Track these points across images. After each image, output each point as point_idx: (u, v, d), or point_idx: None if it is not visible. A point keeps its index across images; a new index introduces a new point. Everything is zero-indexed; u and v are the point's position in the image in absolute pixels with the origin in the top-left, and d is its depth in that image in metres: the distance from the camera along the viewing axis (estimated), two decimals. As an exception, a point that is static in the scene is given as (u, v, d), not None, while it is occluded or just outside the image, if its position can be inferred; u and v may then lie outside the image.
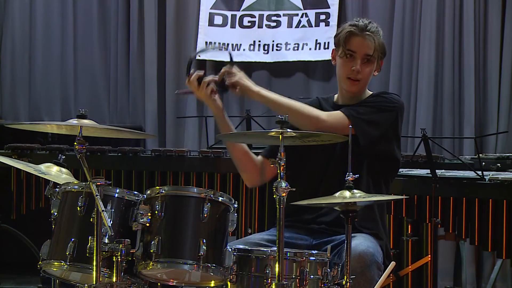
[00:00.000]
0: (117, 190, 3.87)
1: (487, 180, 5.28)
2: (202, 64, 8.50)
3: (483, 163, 5.76)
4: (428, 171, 5.43)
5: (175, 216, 3.82)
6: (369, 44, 4.35)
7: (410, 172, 5.69)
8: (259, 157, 4.55)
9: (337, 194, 3.84)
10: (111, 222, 3.73)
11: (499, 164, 6.36)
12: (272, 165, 3.72)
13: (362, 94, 4.48)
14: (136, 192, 3.94)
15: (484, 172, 5.37)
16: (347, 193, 3.82)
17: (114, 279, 3.70)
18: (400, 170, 5.65)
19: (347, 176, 3.83)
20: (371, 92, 4.51)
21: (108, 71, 9.04)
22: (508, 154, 7.15)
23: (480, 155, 6.29)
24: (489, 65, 7.79)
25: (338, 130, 4.06)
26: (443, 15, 7.86)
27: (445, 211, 5.38)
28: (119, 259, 3.70)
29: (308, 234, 4.41)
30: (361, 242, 4.11)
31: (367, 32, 4.34)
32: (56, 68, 9.06)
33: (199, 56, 4.41)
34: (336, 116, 4.28)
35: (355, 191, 3.82)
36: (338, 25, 8.12)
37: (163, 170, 6.52)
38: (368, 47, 4.35)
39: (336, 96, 4.54)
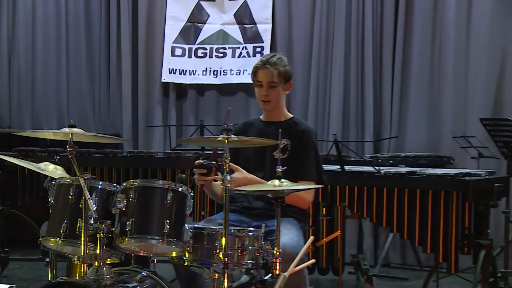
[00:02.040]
0: (100, 183, 3.85)
1: (382, 173, 5.32)
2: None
3: (380, 160, 5.82)
4: (339, 167, 5.46)
5: (145, 202, 3.81)
6: (270, 74, 4.40)
7: (325, 168, 5.71)
8: None
9: (269, 182, 3.86)
10: (95, 207, 3.71)
11: (391, 161, 6.42)
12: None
13: (281, 112, 4.56)
14: (115, 184, 3.92)
15: (380, 167, 5.42)
16: (276, 182, 3.84)
17: (98, 251, 3.68)
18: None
19: (277, 168, 3.86)
20: (291, 115, 4.60)
21: (93, 91, 8.99)
22: (398, 154, 7.24)
23: (377, 154, 6.37)
24: (384, 85, 7.85)
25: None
26: (349, 47, 7.90)
27: (351, 197, 5.41)
28: (102, 236, 3.68)
29: (249, 217, 4.42)
30: (291, 238, 4.13)
31: (267, 65, 4.41)
32: (52, 89, 9.00)
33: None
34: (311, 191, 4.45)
35: (283, 180, 3.84)
36: (270, 56, 8.16)
37: (136, 167, 6.48)
38: (270, 77, 4.40)
39: (261, 116, 4.65)
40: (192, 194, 3.94)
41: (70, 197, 3.80)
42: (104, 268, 3.67)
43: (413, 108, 7.75)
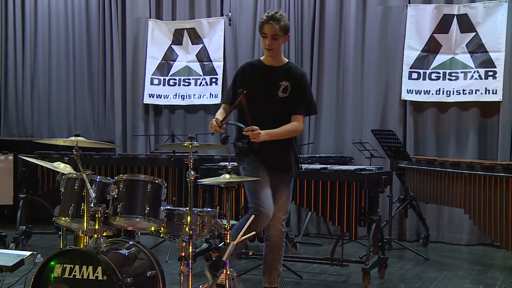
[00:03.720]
0: (98, 177, 3.81)
1: (303, 169, 5.30)
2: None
3: (301, 160, 5.80)
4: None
5: (131, 191, 3.78)
6: (273, 28, 4.00)
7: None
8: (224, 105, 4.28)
9: (221, 176, 3.84)
10: (94, 195, 3.67)
11: (309, 160, 6.44)
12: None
13: (279, 58, 4.18)
14: (109, 178, 3.88)
15: (302, 165, 5.39)
16: (227, 176, 3.83)
17: (96, 227, 3.66)
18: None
19: (227, 165, 3.84)
20: (287, 60, 4.25)
21: (93, 110, 8.88)
22: (314, 155, 7.28)
23: (299, 155, 6.36)
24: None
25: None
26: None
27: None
28: (99, 216, 3.66)
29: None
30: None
31: (271, 21, 4.00)
32: (63, 107, 8.93)
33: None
34: (302, 120, 4.16)
35: (233, 174, 3.84)
36: (223, 84, 8.13)
37: (125, 165, 6.41)
38: (273, 31, 4.01)
39: (262, 58, 4.24)
40: (165, 184, 3.92)
41: (76, 187, 3.76)
42: (101, 239, 3.64)
43: (325, 121, 7.79)
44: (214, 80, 8.22)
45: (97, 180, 3.78)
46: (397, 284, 5.22)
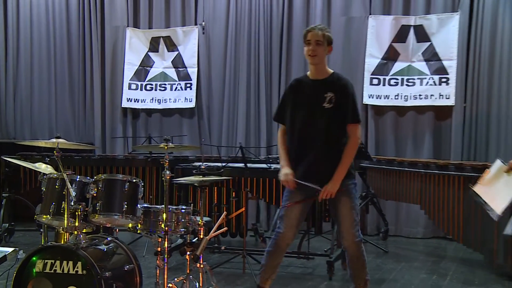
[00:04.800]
0: (78, 177, 3.81)
1: (272, 168, 5.34)
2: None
3: (270, 160, 5.86)
4: (243, 164, 5.47)
5: (110, 190, 3.78)
6: (317, 34, 3.77)
7: (234, 165, 5.69)
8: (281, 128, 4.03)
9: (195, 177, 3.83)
10: (75, 193, 3.65)
11: (278, 161, 6.43)
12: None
13: (324, 70, 3.88)
14: (88, 177, 3.87)
15: (271, 165, 5.45)
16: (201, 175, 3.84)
17: (76, 224, 3.63)
18: (229, 164, 5.66)
19: (201, 165, 3.85)
20: (332, 71, 3.90)
21: (74, 112, 8.78)
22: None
23: (269, 156, 6.40)
24: (274, 109, 7.90)
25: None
26: (250, 82, 7.90)
27: (252, 185, 5.38)
28: (79, 213, 3.65)
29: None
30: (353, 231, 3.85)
31: (315, 29, 3.80)
32: (45, 110, 8.81)
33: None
34: (357, 130, 3.82)
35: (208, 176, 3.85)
36: (197, 89, 8.12)
37: (104, 165, 6.37)
38: (317, 36, 3.77)
39: (308, 73, 3.93)
40: (142, 183, 3.91)
41: (56, 186, 3.74)
42: (81, 235, 3.62)
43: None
44: (188, 85, 8.21)
45: (77, 179, 3.77)
46: (359, 275, 5.27)
